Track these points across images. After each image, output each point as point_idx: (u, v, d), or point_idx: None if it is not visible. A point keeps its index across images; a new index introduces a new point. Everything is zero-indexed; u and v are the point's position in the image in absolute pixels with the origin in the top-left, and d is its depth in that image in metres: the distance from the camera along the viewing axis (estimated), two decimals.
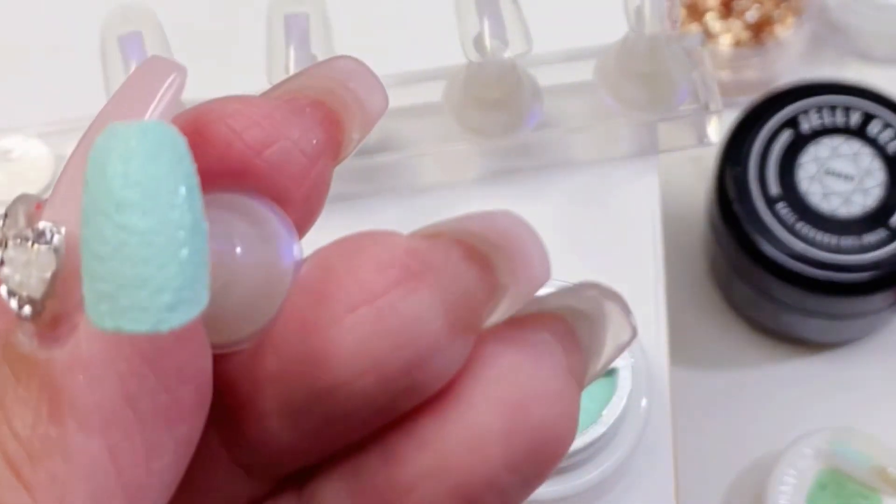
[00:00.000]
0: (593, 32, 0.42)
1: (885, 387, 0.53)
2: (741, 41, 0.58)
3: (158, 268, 0.17)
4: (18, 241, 0.19)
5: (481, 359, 0.20)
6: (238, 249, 0.20)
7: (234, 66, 0.42)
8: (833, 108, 0.51)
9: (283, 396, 0.20)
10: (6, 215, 0.19)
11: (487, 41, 0.39)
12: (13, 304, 0.19)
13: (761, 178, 0.50)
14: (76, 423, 0.18)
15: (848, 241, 0.49)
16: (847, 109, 0.51)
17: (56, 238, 0.19)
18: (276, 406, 0.20)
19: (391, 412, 0.20)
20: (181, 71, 0.20)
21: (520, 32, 0.39)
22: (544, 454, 0.20)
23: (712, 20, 0.59)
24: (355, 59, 0.22)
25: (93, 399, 0.18)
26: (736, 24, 0.58)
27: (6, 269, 0.19)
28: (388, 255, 0.20)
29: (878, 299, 0.50)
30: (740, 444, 0.51)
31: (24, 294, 0.19)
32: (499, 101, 0.41)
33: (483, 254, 0.20)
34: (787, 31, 0.58)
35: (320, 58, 0.38)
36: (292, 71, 0.38)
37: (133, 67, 0.38)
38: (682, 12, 0.58)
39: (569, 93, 0.43)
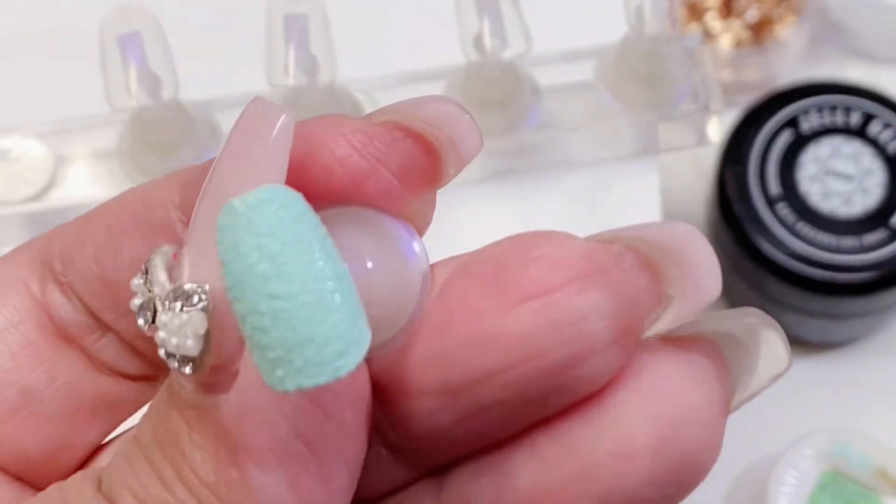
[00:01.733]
0: (593, 32, 0.42)
1: (886, 387, 0.53)
2: (741, 41, 0.58)
3: (319, 323, 0.18)
4: (167, 304, 0.20)
5: (636, 369, 0.21)
6: (369, 263, 0.21)
7: (233, 66, 0.42)
8: (833, 107, 0.51)
9: (442, 376, 0.21)
10: (146, 271, 0.20)
11: (487, 41, 0.38)
12: (173, 364, 0.20)
13: (761, 177, 0.50)
14: (254, 464, 0.20)
15: (848, 241, 0.49)
16: (847, 109, 0.51)
17: (203, 299, 0.19)
18: (434, 385, 0.21)
19: (541, 408, 0.21)
20: (288, 114, 0.20)
21: (520, 32, 0.38)
22: (687, 476, 0.20)
23: (712, 20, 0.59)
24: (450, 101, 0.22)
25: (266, 441, 0.20)
26: (736, 24, 0.58)
27: (162, 334, 0.20)
28: (563, 255, 0.20)
29: (879, 300, 0.50)
30: (740, 444, 0.51)
31: (182, 355, 0.20)
32: (499, 101, 0.41)
33: (654, 263, 0.21)
34: (787, 31, 0.58)
35: (320, 58, 0.38)
36: (291, 71, 0.38)
37: (132, 67, 0.38)
38: (682, 12, 0.58)
39: (569, 93, 0.43)
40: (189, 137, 0.41)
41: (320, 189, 0.21)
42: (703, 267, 0.21)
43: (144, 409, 0.25)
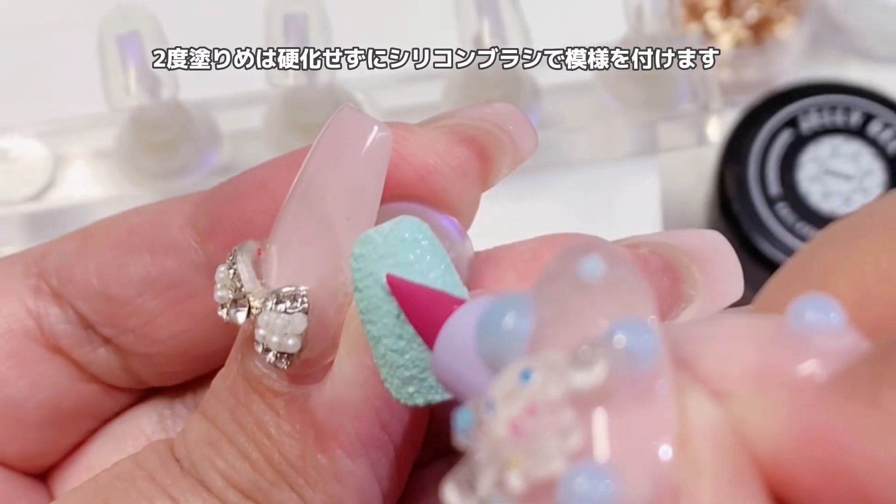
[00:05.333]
0: (593, 32, 0.42)
1: None
2: (741, 41, 0.58)
3: None
4: (271, 305, 0.21)
5: None
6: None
7: (232, 66, 0.42)
8: (833, 107, 0.51)
9: None
10: (233, 263, 0.21)
11: (487, 41, 0.38)
12: (269, 358, 0.21)
13: (761, 177, 0.50)
14: (343, 451, 0.21)
15: None
16: (847, 109, 0.51)
17: (305, 301, 0.21)
18: None
19: None
20: (381, 124, 0.22)
21: (519, 32, 0.38)
22: None
23: (712, 20, 0.58)
24: (512, 104, 0.24)
25: (355, 433, 0.21)
26: (736, 24, 0.58)
27: (262, 332, 0.21)
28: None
29: None
30: None
31: (281, 352, 0.21)
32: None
33: (677, 267, 0.23)
34: (787, 31, 0.58)
35: (319, 57, 0.38)
36: (289, 71, 0.38)
37: (131, 67, 0.38)
38: (682, 12, 0.58)
39: (569, 93, 0.43)
40: (188, 137, 0.41)
41: (389, 183, 0.22)
42: (726, 271, 0.24)
43: (133, 412, 0.25)
